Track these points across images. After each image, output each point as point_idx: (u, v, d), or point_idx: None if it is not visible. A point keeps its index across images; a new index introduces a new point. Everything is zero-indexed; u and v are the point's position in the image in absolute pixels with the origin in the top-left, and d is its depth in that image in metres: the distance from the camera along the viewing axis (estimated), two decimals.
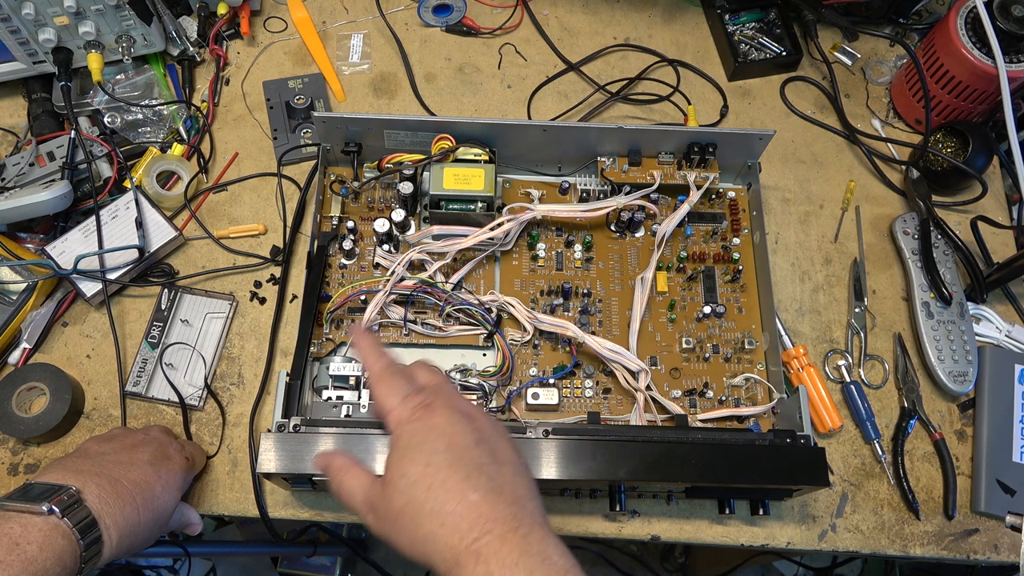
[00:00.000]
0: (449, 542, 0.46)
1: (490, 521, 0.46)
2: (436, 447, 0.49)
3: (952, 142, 0.83)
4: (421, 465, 0.48)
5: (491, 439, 0.50)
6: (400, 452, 0.50)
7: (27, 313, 0.74)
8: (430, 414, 0.50)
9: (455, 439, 0.49)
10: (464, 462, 0.48)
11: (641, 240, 0.79)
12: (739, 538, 0.70)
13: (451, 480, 0.47)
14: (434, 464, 0.48)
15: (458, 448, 0.49)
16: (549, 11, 0.96)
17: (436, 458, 0.48)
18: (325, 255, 0.74)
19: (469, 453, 0.49)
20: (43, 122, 0.82)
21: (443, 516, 0.46)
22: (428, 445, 0.49)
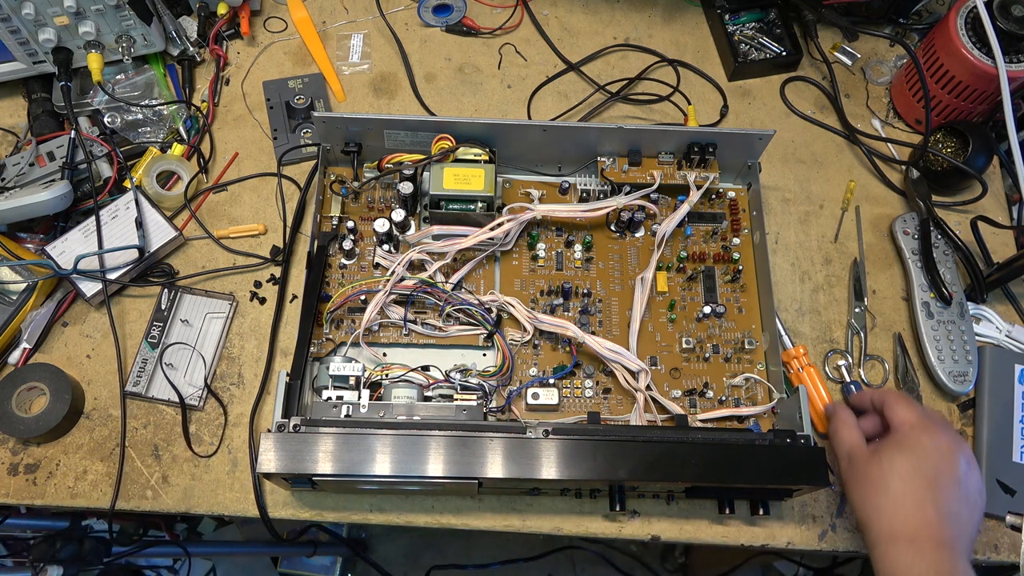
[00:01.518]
0: (893, 523, 0.59)
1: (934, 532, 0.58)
2: (928, 463, 0.60)
3: (952, 142, 0.83)
4: (910, 466, 0.60)
5: (969, 484, 0.61)
6: (901, 446, 0.62)
7: (27, 313, 0.74)
8: (940, 435, 0.62)
9: (944, 468, 0.60)
10: (940, 489, 0.59)
11: (641, 240, 0.79)
12: (739, 538, 0.70)
13: (923, 492, 0.59)
14: (919, 472, 0.60)
15: (943, 476, 0.60)
16: (549, 11, 0.96)
17: (924, 471, 0.60)
18: (325, 255, 0.74)
19: (948, 487, 0.60)
20: (43, 122, 0.82)
21: (899, 506, 0.59)
22: (924, 459, 0.60)
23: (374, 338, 0.73)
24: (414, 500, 0.69)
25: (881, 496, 0.60)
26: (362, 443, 0.60)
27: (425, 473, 0.60)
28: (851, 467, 0.64)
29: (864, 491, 0.61)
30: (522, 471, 0.60)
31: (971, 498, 0.61)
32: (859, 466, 0.63)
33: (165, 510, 0.69)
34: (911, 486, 0.59)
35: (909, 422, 0.63)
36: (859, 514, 0.62)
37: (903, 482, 0.60)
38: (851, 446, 0.65)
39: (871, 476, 0.61)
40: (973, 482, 0.61)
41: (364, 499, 0.69)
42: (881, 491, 0.60)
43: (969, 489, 0.61)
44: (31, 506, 0.72)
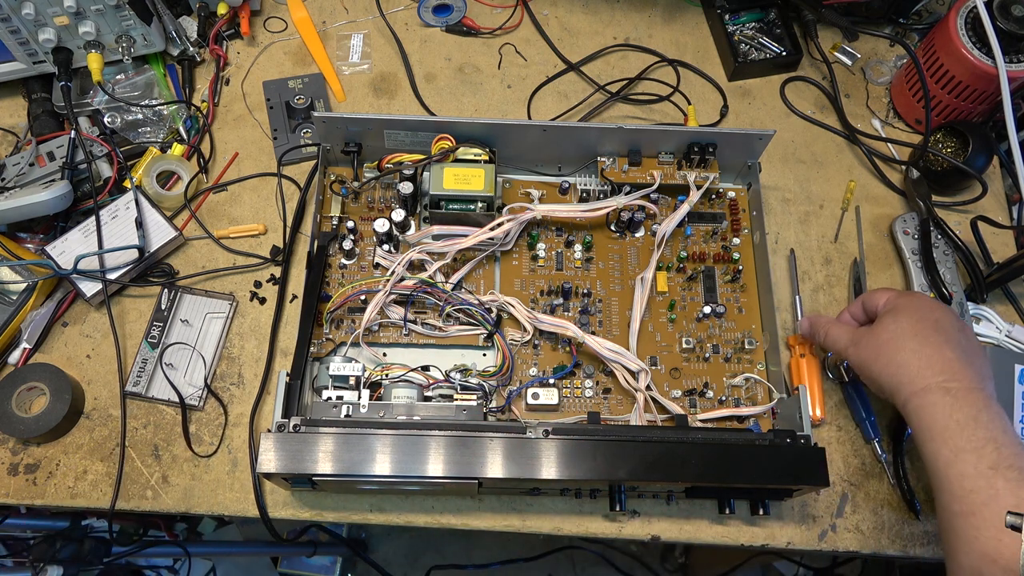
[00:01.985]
0: (922, 373, 0.60)
1: (960, 375, 0.59)
2: (926, 314, 0.63)
3: (952, 142, 0.83)
4: (912, 319, 0.63)
5: (968, 333, 0.63)
6: (896, 311, 0.64)
7: (27, 313, 0.74)
8: (923, 297, 0.66)
9: (942, 316, 0.63)
10: (946, 332, 0.62)
11: (641, 240, 0.79)
12: (739, 538, 0.70)
13: (933, 337, 0.61)
14: (923, 322, 0.62)
15: (944, 322, 0.63)
16: (549, 11, 0.96)
17: (926, 321, 0.63)
18: (325, 255, 0.74)
19: (952, 330, 0.62)
20: (43, 122, 0.82)
21: (921, 355, 0.61)
22: (920, 311, 0.64)
23: (374, 338, 0.73)
24: (414, 500, 0.69)
25: (900, 352, 0.62)
26: (362, 443, 0.60)
27: (425, 473, 0.60)
28: (858, 348, 0.65)
29: (882, 356, 0.63)
30: (522, 471, 0.60)
31: (974, 344, 0.63)
32: (867, 340, 0.65)
33: (165, 510, 0.69)
34: (923, 335, 0.62)
35: (892, 296, 0.66)
36: (884, 382, 0.63)
37: (915, 334, 0.62)
38: (850, 333, 0.67)
39: (883, 341, 0.63)
40: (970, 333, 0.64)
41: (364, 499, 0.69)
42: (899, 348, 0.62)
43: (969, 335, 0.64)
44: (31, 506, 0.72)
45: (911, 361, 0.61)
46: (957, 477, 0.56)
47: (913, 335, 0.62)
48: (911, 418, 0.61)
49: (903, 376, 0.61)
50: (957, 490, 0.56)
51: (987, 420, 0.57)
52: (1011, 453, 0.55)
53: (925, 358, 0.60)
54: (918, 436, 0.60)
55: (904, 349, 0.62)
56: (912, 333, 0.62)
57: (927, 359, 0.60)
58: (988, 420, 0.57)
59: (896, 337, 0.63)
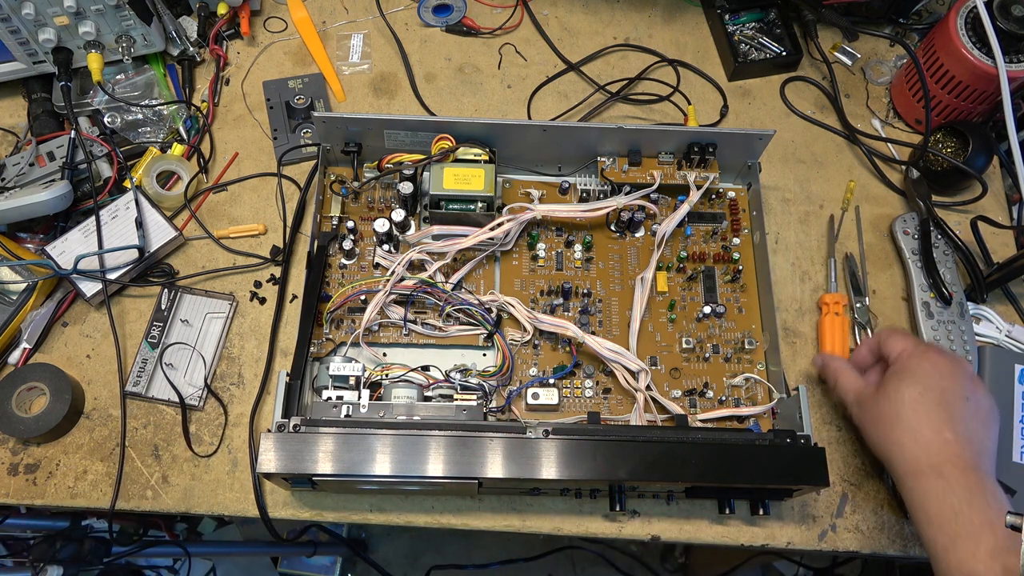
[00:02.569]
0: (916, 455, 0.59)
1: (956, 456, 0.58)
2: (932, 384, 0.61)
3: (952, 142, 0.83)
4: (916, 391, 0.61)
5: (978, 398, 0.61)
6: (902, 374, 0.63)
7: (27, 313, 0.74)
8: (934, 354, 0.63)
9: (949, 386, 0.61)
10: (950, 408, 0.60)
11: (641, 240, 0.79)
12: (739, 538, 0.70)
13: (935, 414, 0.60)
14: (927, 395, 0.60)
15: (949, 394, 0.60)
16: (549, 11, 0.96)
17: (930, 393, 0.60)
18: (325, 255, 0.74)
19: (957, 404, 0.60)
20: (43, 122, 0.82)
21: (917, 435, 0.59)
22: (927, 380, 0.61)
23: (374, 338, 0.73)
24: (414, 500, 0.69)
25: (897, 430, 0.61)
26: (362, 443, 0.60)
27: (425, 473, 0.60)
28: (861, 409, 0.64)
29: (880, 428, 0.62)
30: (522, 471, 0.60)
31: (982, 413, 0.61)
32: (869, 405, 0.63)
33: (165, 510, 0.69)
34: (923, 412, 0.60)
35: (907, 351, 0.64)
36: (880, 452, 0.63)
37: (914, 410, 0.60)
38: (856, 389, 0.66)
39: (882, 412, 0.62)
40: (982, 397, 0.62)
41: (364, 499, 0.69)
42: (896, 424, 0.61)
43: (979, 404, 0.61)
44: (31, 506, 0.72)
45: (907, 442, 0.60)
46: (956, 564, 0.55)
47: (913, 411, 0.60)
48: (906, 499, 0.60)
49: (898, 455, 0.60)
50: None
51: (982, 504, 0.56)
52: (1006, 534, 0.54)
53: (922, 440, 0.59)
54: (914, 519, 0.60)
55: (902, 427, 0.60)
56: (912, 409, 0.60)
57: (924, 442, 0.59)
58: (983, 504, 0.56)
59: (895, 409, 0.61)
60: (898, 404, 0.61)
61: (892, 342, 0.66)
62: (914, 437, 0.60)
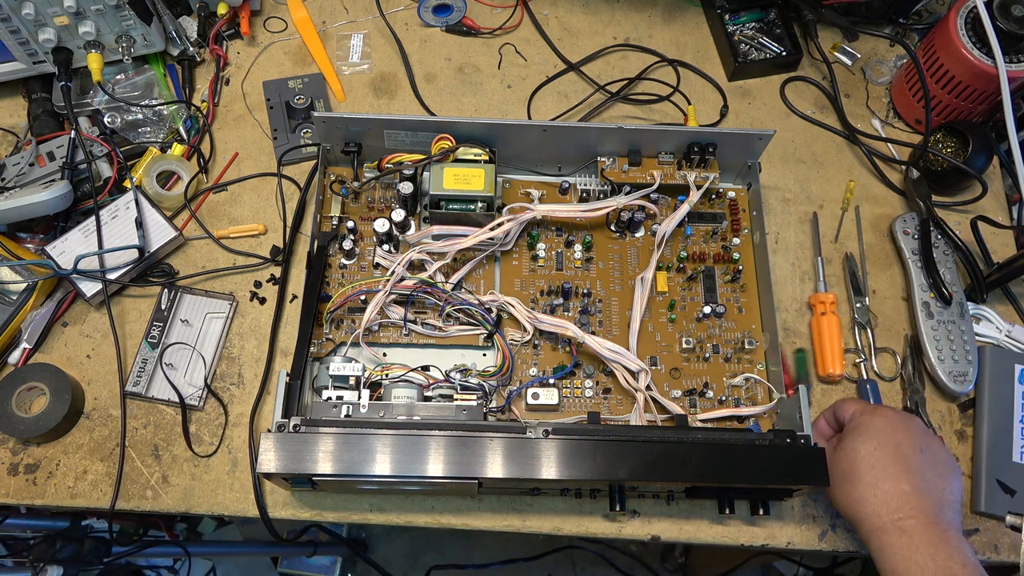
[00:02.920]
0: (878, 510, 0.59)
1: (916, 510, 0.58)
2: (887, 440, 0.62)
3: (952, 142, 0.83)
4: (871, 446, 0.62)
5: (933, 451, 0.62)
6: (857, 432, 0.63)
7: (27, 313, 0.74)
8: (886, 410, 0.64)
9: (904, 440, 0.61)
10: (906, 460, 0.61)
11: (641, 240, 0.79)
12: (739, 538, 0.70)
13: (891, 468, 0.60)
14: (881, 450, 0.61)
15: (904, 448, 0.61)
16: (549, 11, 0.96)
17: (885, 448, 0.61)
18: (325, 255, 0.74)
19: (912, 456, 0.61)
20: (43, 122, 0.82)
21: (876, 490, 0.60)
22: (881, 436, 0.62)
23: (374, 338, 0.73)
24: (414, 500, 0.69)
25: (858, 485, 0.61)
26: (362, 443, 0.60)
27: (425, 473, 0.60)
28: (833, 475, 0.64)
29: (841, 488, 0.63)
30: (522, 471, 0.60)
31: (939, 463, 0.62)
32: (831, 463, 0.64)
33: (165, 510, 0.69)
34: (879, 465, 0.61)
35: (858, 411, 0.65)
36: (844, 513, 0.63)
37: (871, 464, 0.61)
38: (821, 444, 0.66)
39: (841, 469, 0.63)
40: (936, 447, 0.63)
41: (364, 499, 0.69)
42: (855, 481, 0.62)
43: (935, 454, 0.62)
44: (31, 506, 0.72)
45: (867, 497, 0.60)
46: None
47: (870, 466, 0.61)
48: (873, 556, 0.60)
49: (860, 512, 0.61)
50: None
51: (945, 558, 0.56)
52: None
53: (881, 494, 0.60)
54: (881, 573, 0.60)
55: (861, 482, 0.61)
56: (869, 464, 0.61)
57: (883, 495, 0.60)
58: (946, 558, 0.56)
59: (852, 465, 0.62)
60: (855, 460, 0.62)
61: (845, 407, 0.67)
62: (873, 492, 0.60)
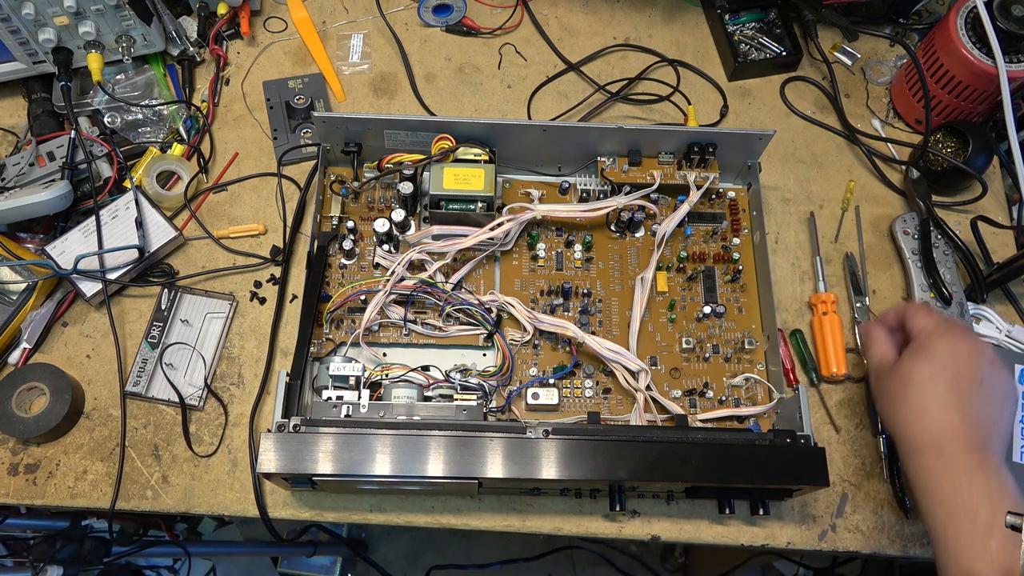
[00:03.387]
0: (919, 433, 0.59)
1: (958, 438, 0.58)
2: (947, 365, 0.60)
3: (952, 142, 0.83)
4: (928, 372, 0.61)
5: (993, 383, 0.60)
6: (918, 353, 0.62)
7: (27, 313, 0.74)
8: (954, 335, 0.62)
9: (964, 370, 0.60)
10: (960, 391, 0.59)
11: (641, 240, 0.79)
12: (739, 538, 0.70)
13: (944, 396, 0.59)
14: (938, 376, 0.60)
15: (963, 379, 0.60)
16: (549, 11, 0.96)
17: (943, 374, 0.60)
18: (325, 255, 0.74)
19: (968, 388, 0.59)
20: (43, 122, 0.82)
21: (923, 414, 0.59)
22: (942, 361, 0.61)
23: (374, 338, 0.73)
24: (414, 500, 0.69)
25: (904, 407, 0.61)
26: (362, 443, 0.60)
27: (425, 473, 0.60)
28: (877, 383, 0.65)
29: (889, 405, 0.62)
30: (522, 471, 0.60)
31: (997, 398, 0.61)
32: (883, 380, 0.64)
33: (165, 510, 0.69)
34: (931, 392, 0.60)
35: (927, 329, 0.63)
36: (889, 428, 0.63)
37: (923, 389, 0.60)
38: (878, 361, 0.66)
39: (893, 388, 0.62)
40: (1000, 381, 0.61)
41: (364, 499, 0.70)
42: (903, 402, 0.61)
43: (995, 388, 0.60)
44: (31, 506, 0.72)
45: (911, 418, 0.60)
46: (954, 540, 0.56)
47: (921, 392, 0.60)
48: (909, 475, 0.61)
49: (902, 432, 0.61)
50: (953, 551, 0.56)
51: (983, 482, 0.55)
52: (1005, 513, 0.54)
53: (928, 419, 0.59)
54: (916, 494, 0.60)
55: (908, 402, 0.60)
56: (921, 389, 0.60)
57: (929, 421, 0.59)
58: (984, 482, 0.55)
59: (904, 387, 0.61)
60: (908, 383, 0.61)
61: (916, 318, 0.65)
62: (919, 415, 0.59)
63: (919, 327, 0.64)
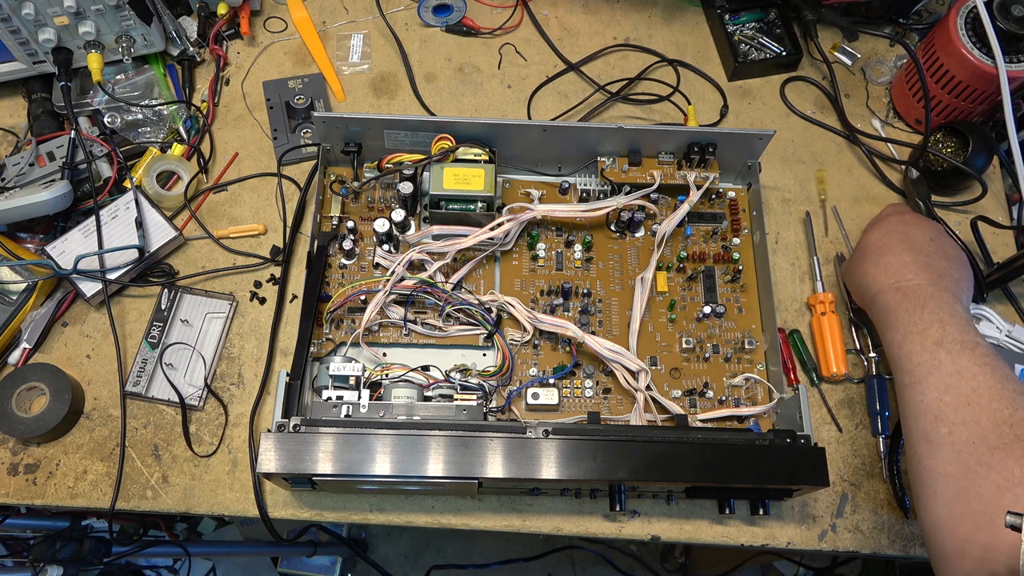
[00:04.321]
0: (878, 279, 0.68)
1: (914, 276, 0.65)
2: (896, 227, 0.70)
3: (952, 142, 0.83)
4: (881, 233, 0.71)
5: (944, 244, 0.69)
6: (871, 227, 0.73)
7: (27, 313, 0.74)
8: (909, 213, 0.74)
9: (914, 231, 0.70)
10: (912, 243, 0.68)
11: (641, 240, 0.79)
12: (739, 538, 0.70)
13: (896, 247, 0.68)
14: (889, 235, 0.70)
15: (914, 234, 0.69)
16: (549, 11, 0.96)
17: (894, 233, 0.70)
18: (325, 255, 0.74)
19: (920, 240, 0.68)
20: (43, 122, 0.82)
21: (880, 264, 0.68)
22: (892, 224, 0.71)
23: (374, 338, 0.73)
24: (414, 500, 0.69)
25: (862, 264, 0.70)
26: (362, 443, 0.60)
27: (425, 473, 0.60)
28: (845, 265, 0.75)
29: (855, 267, 0.71)
30: (522, 471, 0.60)
31: (948, 252, 0.68)
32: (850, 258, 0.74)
33: (165, 510, 0.69)
34: (884, 245, 0.69)
35: (887, 211, 0.74)
36: (853, 292, 0.73)
37: (877, 244, 0.70)
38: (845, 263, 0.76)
39: (856, 255, 0.72)
40: (948, 243, 0.70)
41: (364, 499, 0.70)
42: (862, 262, 0.70)
43: (945, 247, 0.69)
44: (31, 506, 0.72)
45: (871, 270, 0.69)
46: (907, 355, 0.62)
47: (878, 247, 0.69)
48: (873, 317, 0.68)
49: (866, 283, 0.69)
50: (907, 365, 0.62)
51: (934, 307, 0.62)
52: (955, 330, 0.61)
53: (883, 266, 0.68)
54: (879, 331, 0.68)
55: (868, 260, 0.69)
56: (877, 246, 0.69)
57: (885, 267, 0.67)
58: (935, 307, 0.62)
59: (863, 251, 0.71)
60: (865, 245, 0.71)
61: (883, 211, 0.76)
62: (877, 265, 0.68)
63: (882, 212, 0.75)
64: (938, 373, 0.60)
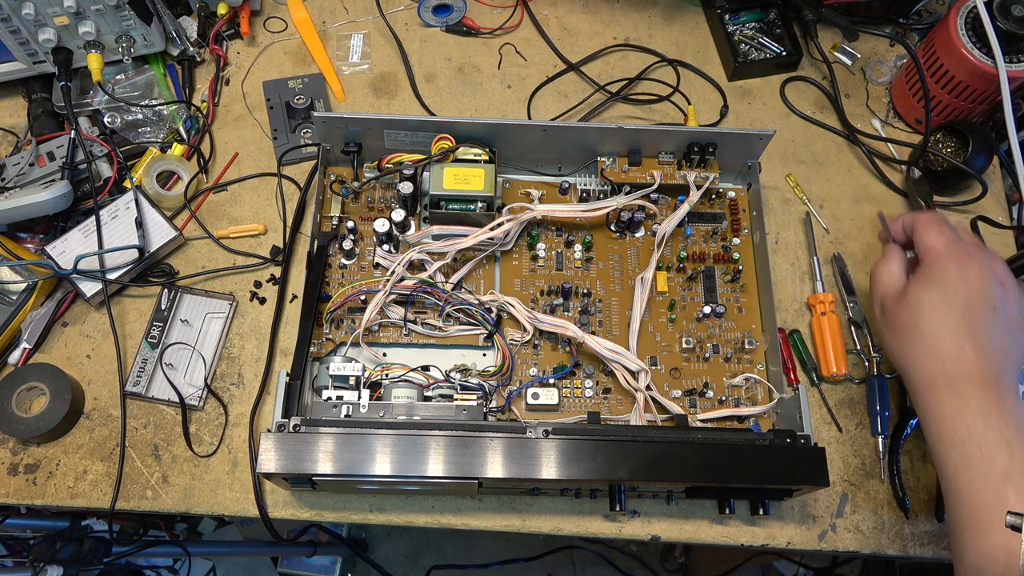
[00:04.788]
0: (932, 369, 0.55)
1: (974, 372, 0.54)
2: (958, 292, 0.56)
3: (952, 142, 0.83)
4: (938, 302, 0.56)
5: (1007, 308, 0.56)
6: (926, 282, 0.58)
7: (27, 313, 0.74)
8: (969, 262, 0.57)
9: (976, 297, 0.56)
10: (974, 319, 0.55)
11: (641, 240, 0.79)
12: (739, 538, 0.70)
13: (956, 328, 0.55)
14: (949, 306, 0.56)
15: (976, 306, 0.56)
16: (549, 11, 0.96)
17: (953, 302, 0.56)
18: (325, 255, 0.74)
19: (982, 315, 0.55)
20: (43, 122, 0.82)
21: (933, 349, 0.56)
22: (952, 288, 0.56)
23: (374, 338, 0.73)
24: (414, 500, 0.69)
25: (914, 343, 0.56)
26: (362, 443, 0.60)
27: (425, 473, 0.60)
28: (883, 315, 0.61)
29: (897, 339, 0.58)
30: (522, 471, 0.60)
31: (1011, 323, 0.57)
32: (889, 313, 0.59)
33: (165, 510, 0.69)
34: (943, 324, 0.56)
35: (935, 251, 0.59)
36: (897, 363, 0.59)
37: (933, 321, 0.56)
38: (882, 292, 0.62)
39: (901, 321, 0.58)
40: (1011, 305, 0.57)
41: (364, 499, 0.70)
42: (913, 337, 0.57)
43: (1008, 314, 0.57)
44: (31, 506, 0.72)
45: (922, 354, 0.56)
46: (966, 486, 0.52)
47: (932, 322, 0.56)
48: (920, 413, 0.57)
49: (912, 369, 0.57)
50: (966, 499, 0.52)
51: (998, 422, 0.51)
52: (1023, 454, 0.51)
53: (939, 353, 0.55)
54: (927, 434, 0.57)
55: (918, 337, 0.56)
56: (931, 317, 0.56)
57: (940, 354, 0.55)
58: (999, 422, 0.51)
59: (913, 319, 0.57)
60: (917, 314, 0.57)
61: (925, 236, 0.60)
62: (929, 350, 0.56)
63: (927, 246, 0.60)
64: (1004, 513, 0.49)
